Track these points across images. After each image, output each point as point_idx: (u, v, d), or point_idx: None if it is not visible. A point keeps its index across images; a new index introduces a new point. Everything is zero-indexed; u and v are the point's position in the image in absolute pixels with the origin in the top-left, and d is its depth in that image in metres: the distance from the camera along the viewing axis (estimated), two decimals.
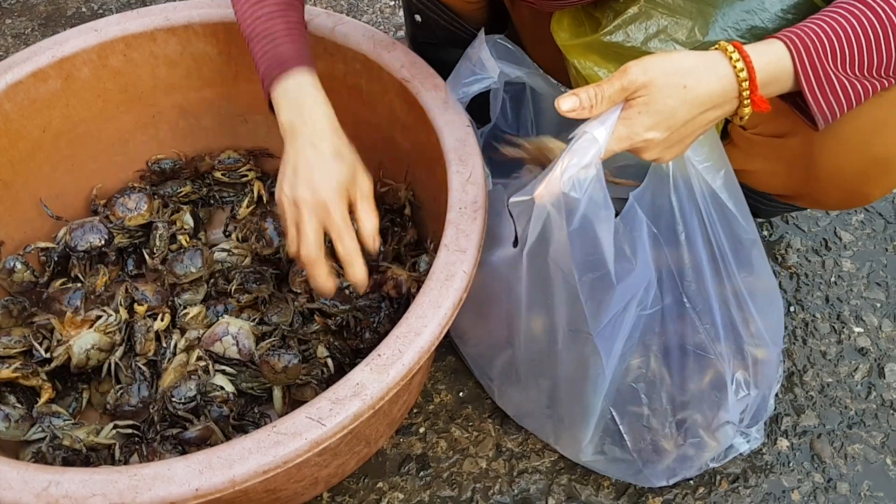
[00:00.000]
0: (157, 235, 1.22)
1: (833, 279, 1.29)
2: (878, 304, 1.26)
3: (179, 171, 1.32)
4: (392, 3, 1.81)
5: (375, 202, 0.91)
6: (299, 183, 0.86)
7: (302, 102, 0.90)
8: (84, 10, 1.84)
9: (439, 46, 1.11)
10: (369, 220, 0.89)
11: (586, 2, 0.95)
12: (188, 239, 1.25)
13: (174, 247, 1.24)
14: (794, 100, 0.80)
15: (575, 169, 0.78)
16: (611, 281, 0.86)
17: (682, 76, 0.75)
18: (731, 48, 0.75)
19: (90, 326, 1.08)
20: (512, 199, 0.85)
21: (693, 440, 1.02)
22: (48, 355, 1.07)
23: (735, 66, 0.75)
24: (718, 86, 0.75)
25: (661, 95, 0.75)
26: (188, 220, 1.27)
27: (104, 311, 1.10)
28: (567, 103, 0.76)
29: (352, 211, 0.89)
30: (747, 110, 0.77)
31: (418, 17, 1.17)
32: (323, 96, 0.91)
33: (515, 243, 0.92)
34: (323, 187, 0.85)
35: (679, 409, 1.01)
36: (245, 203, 1.28)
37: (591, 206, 0.81)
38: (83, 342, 1.06)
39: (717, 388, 0.98)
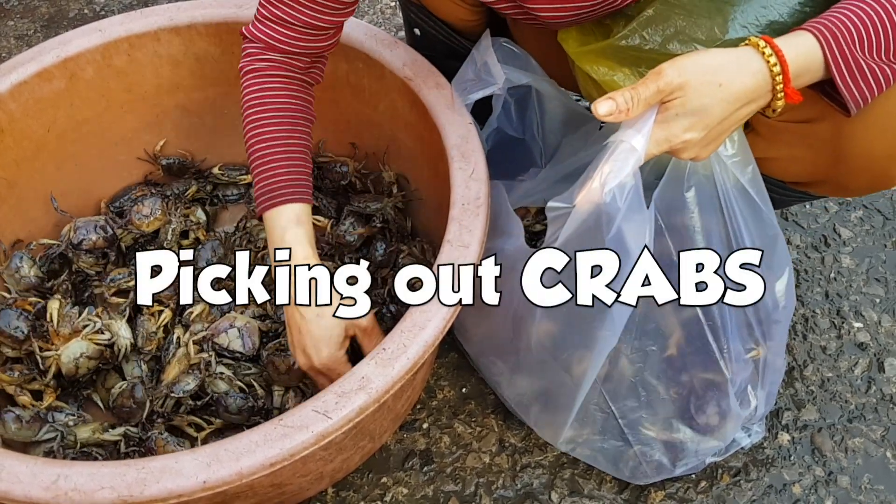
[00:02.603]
0: (170, 230, 1.23)
1: (832, 275, 1.30)
2: (878, 300, 1.27)
3: (186, 170, 1.34)
4: (393, 3, 1.82)
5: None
6: (299, 352, 0.98)
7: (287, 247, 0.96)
8: (86, 11, 1.85)
9: (438, 59, 1.12)
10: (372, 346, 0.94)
11: (594, 18, 0.95)
12: (205, 233, 1.28)
13: (185, 242, 1.26)
14: (822, 87, 0.81)
15: (615, 180, 0.78)
16: None
17: (717, 74, 0.75)
18: (762, 43, 0.76)
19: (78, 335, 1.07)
20: (550, 203, 0.85)
21: (693, 440, 1.02)
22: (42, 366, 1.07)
23: (768, 61, 0.75)
24: (752, 81, 0.76)
25: (698, 95, 0.75)
26: (200, 215, 1.29)
27: (91, 319, 1.09)
28: (604, 107, 0.76)
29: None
30: (780, 103, 0.78)
31: (417, 31, 1.18)
32: (305, 233, 0.97)
33: (534, 244, 0.92)
34: (317, 356, 0.96)
35: (679, 409, 1.01)
36: None
37: (628, 214, 0.81)
38: (71, 352, 1.06)
39: (719, 391, 0.98)
